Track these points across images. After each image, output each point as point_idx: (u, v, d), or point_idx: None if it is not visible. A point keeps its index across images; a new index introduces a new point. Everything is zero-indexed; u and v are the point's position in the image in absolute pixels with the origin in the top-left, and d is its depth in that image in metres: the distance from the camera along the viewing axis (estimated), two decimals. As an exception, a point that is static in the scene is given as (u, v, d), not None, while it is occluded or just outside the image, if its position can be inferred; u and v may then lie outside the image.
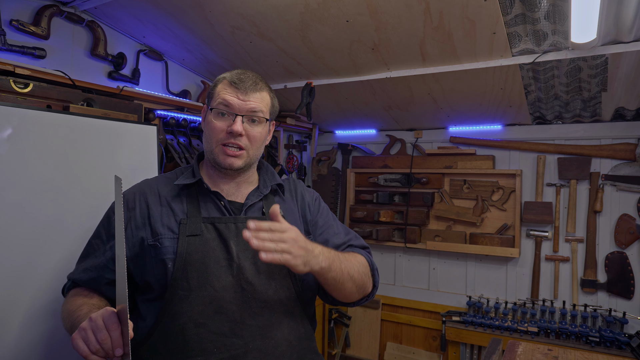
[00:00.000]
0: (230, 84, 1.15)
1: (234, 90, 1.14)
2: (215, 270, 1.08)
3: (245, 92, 1.14)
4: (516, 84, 2.31)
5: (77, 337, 0.88)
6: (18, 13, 1.84)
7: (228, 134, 1.13)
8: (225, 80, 1.16)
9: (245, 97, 1.14)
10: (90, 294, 1.15)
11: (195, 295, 1.06)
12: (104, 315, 0.89)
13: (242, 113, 1.13)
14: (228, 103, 1.13)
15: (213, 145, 1.15)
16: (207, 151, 1.18)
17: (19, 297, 1.42)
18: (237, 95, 1.14)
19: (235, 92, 1.14)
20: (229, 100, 1.13)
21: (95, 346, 0.87)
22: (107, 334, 0.87)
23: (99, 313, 0.90)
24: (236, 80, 1.14)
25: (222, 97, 1.14)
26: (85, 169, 1.60)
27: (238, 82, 1.14)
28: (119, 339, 0.88)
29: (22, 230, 1.42)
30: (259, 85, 1.17)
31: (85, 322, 0.90)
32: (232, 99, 1.13)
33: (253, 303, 1.08)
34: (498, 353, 1.62)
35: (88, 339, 0.87)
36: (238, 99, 1.13)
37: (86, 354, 0.87)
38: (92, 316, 0.89)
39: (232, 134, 1.12)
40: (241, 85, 1.14)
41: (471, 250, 2.95)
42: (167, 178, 1.23)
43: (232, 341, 1.04)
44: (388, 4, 1.80)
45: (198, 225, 1.11)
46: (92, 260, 1.17)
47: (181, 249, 1.08)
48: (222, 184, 1.21)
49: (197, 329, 1.04)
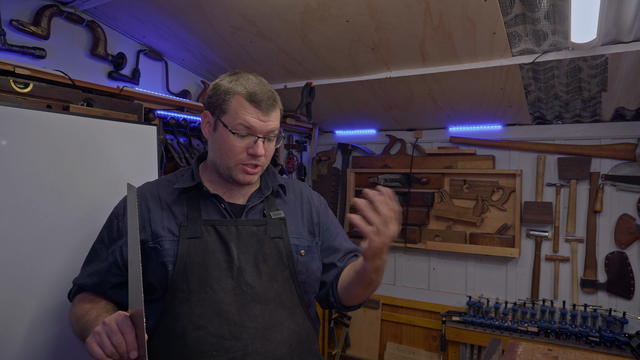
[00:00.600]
0: (249, 102, 1.09)
1: (254, 110, 1.09)
2: (215, 273, 1.08)
3: (265, 112, 1.10)
4: (516, 84, 2.31)
5: (92, 342, 0.88)
6: (18, 13, 1.85)
7: (249, 155, 1.11)
8: (241, 96, 1.09)
9: (265, 117, 1.11)
10: (97, 298, 1.15)
11: (195, 297, 1.06)
12: (117, 319, 0.90)
13: (262, 135, 1.11)
14: (250, 125, 1.09)
15: (231, 164, 1.12)
16: (221, 167, 1.15)
17: (24, 300, 1.41)
18: (258, 116, 1.10)
19: (255, 113, 1.09)
20: (251, 123, 1.09)
21: (111, 350, 0.87)
22: (122, 337, 0.88)
23: (112, 317, 0.91)
24: (255, 99, 1.09)
25: (243, 118, 1.08)
26: (85, 169, 1.60)
27: (258, 102, 1.09)
28: (134, 342, 0.88)
29: (22, 231, 1.41)
30: (275, 100, 1.14)
31: (99, 326, 0.90)
32: (254, 121, 1.09)
33: (253, 306, 1.08)
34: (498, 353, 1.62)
35: (103, 342, 0.88)
36: (259, 120, 1.10)
37: (101, 357, 0.87)
38: (106, 320, 0.90)
39: (254, 156, 1.11)
40: (261, 105, 1.10)
41: (471, 250, 2.95)
42: (168, 181, 1.22)
43: (232, 344, 1.04)
44: (388, 4, 1.80)
45: (198, 228, 1.11)
46: (96, 264, 1.18)
47: (181, 251, 1.08)
48: (224, 187, 1.20)
49: (196, 331, 1.04)
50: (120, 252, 1.13)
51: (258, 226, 1.16)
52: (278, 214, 1.20)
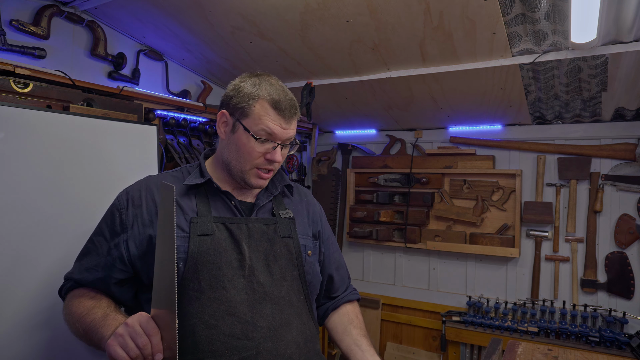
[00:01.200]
0: (273, 108, 1.09)
1: (277, 117, 1.09)
2: (227, 271, 1.07)
3: (287, 120, 1.11)
4: (516, 84, 2.31)
5: (114, 344, 0.87)
6: (18, 13, 1.85)
7: (267, 161, 1.12)
8: (266, 102, 1.09)
9: (287, 125, 1.11)
10: (97, 295, 1.12)
11: (207, 296, 1.05)
12: (141, 320, 0.89)
13: (282, 142, 1.12)
14: (272, 132, 1.09)
15: (247, 167, 1.12)
16: (235, 168, 1.14)
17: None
18: (281, 123, 1.10)
19: (278, 120, 1.09)
20: (273, 130, 1.09)
21: (135, 352, 0.86)
22: (147, 339, 0.87)
23: (135, 318, 0.89)
24: (280, 107, 1.10)
25: (266, 124, 1.09)
26: (86, 169, 1.60)
27: (282, 109, 1.10)
28: (159, 343, 0.87)
29: (19, 231, 1.41)
30: (297, 108, 1.14)
31: (121, 327, 0.89)
32: (276, 128, 1.09)
33: (264, 305, 1.08)
34: (498, 353, 1.62)
35: (127, 344, 0.86)
36: (281, 128, 1.10)
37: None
38: (128, 321, 0.89)
39: (272, 162, 1.12)
40: (285, 113, 1.10)
41: (471, 250, 2.94)
42: (173, 176, 1.20)
43: (243, 343, 1.03)
44: (388, 4, 1.80)
45: (209, 225, 1.10)
46: (95, 258, 1.13)
47: (192, 248, 1.06)
48: (232, 185, 1.19)
49: (207, 330, 1.03)
50: (125, 246, 1.10)
51: (268, 225, 1.16)
52: (287, 214, 1.21)
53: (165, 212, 0.93)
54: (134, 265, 1.11)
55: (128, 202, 1.14)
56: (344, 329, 1.28)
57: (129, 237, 1.11)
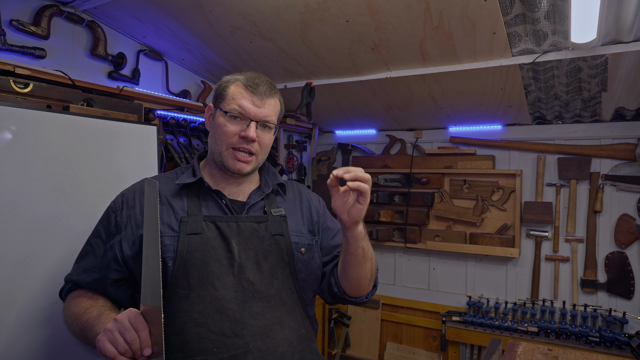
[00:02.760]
0: (245, 87, 1.13)
1: (249, 94, 1.13)
2: (216, 269, 1.08)
3: (261, 97, 1.13)
4: (516, 84, 2.31)
5: (103, 339, 0.88)
6: (18, 13, 1.84)
7: (241, 138, 1.12)
8: (239, 82, 1.14)
9: (260, 103, 1.13)
10: (95, 295, 1.14)
11: (196, 294, 1.06)
12: (130, 315, 0.89)
13: (256, 119, 1.13)
14: (243, 108, 1.12)
15: (222, 148, 1.14)
16: (215, 153, 1.17)
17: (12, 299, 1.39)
18: (253, 100, 1.13)
19: (250, 97, 1.13)
20: (244, 106, 1.12)
21: (124, 347, 0.86)
22: (135, 334, 0.87)
23: (124, 314, 0.90)
24: (252, 84, 1.13)
25: (238, 101, 1.12)
26: (85, 169, 1.60)
27: (254, 87, 1.13)
28: (147, 338, 0.88)
29: (20, 230, 1.41)
30: (273, 90, 1.17)
31: (110, 323, 0.89)
32: (247, 105, 1.12)
33: (254, 303, 1.08)
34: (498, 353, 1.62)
35: (115, 340, 0.87)
36: (253, 105, 1.12)
37: (114, 355, 0.86)
38: (117, 317, 0.89)
39: (245, 139, 1.12)
40: (257, 90, 1.13)
41: (471, 250, 2.94)
42: (167, 177, 1.22)
43: (233, 341, 1.04)
44: (388, 4, 1.80)
45: (199, 224, 1.11)
46: (92, 260, 1.16)
47: (181, 247, 1.08)
48: (224, 183, 1.20)
49: (197, 328, 1.04)
50: (119, 246, 1.12)
51: (259, 223, 1.16)
52: (279, 212, 1.21)
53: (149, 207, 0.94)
54: (128, 265, 1.13)
55: (123, 204, 1.17)
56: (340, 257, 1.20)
57: (122, 238, 1.13)
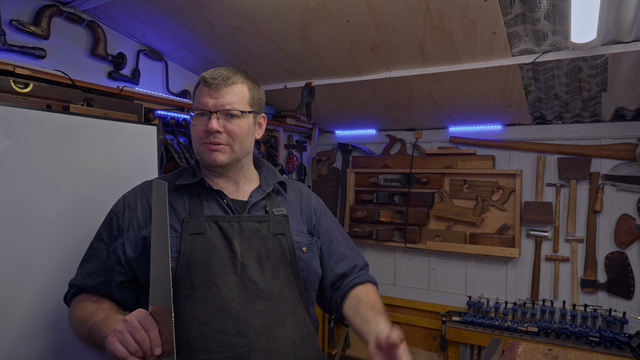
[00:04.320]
0: (204, 84, 1.16)
1: (207, 89, 1.15)
2: (218, 269, 1.08)
3: (217, 89, 1.15)
4: (516, 84, 2.31)
5: (114, 340, 0.88)
6: (18, 13, 1.84)
7: (206, 132, 1.14)
8: (201, 82, 1.18)
9: (217, 94, 1.14)
10: (100, 299, 1.14)
11: (199, 294, 1.06)
12: (139, 316, 0.90)
13: (215, 110, 1.14)
14: (202, 103, 1.15)
15: (197, 145, 1.17)
16: (196, 153, 1.19)
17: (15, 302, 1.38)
18: (210, 93, 1.15)
19: (208, 92, 1.15)
20: (203, 101, 1.15)
21: (134, 347, 0.87)
22: (145, 334, 0.87)
23: (133, 315, 0.90)
24: (209, 80, 1.15)
25: (198, 99, 1.16)
26: (85, 169, 1.60)
27: (210, 80, 1.15)
28: (158, 338, 0.88)
29: (21, 231, 1.41)
30: (231, 79, 1.16)
31: (119, 324, 0.90)
32: (205, 99, 1.14)
33: (257, 302, 1.08)
34: (498, 353, 1.62)
35: (125, 340, 0.87)
36: (211, 98, 1.14)
37: (125, 355, 0.86)
38: (126, 318, 0.90)
39: (208, 132, 1.14)
40: (213, 82, 1.15)
41: (471, 250, 2.94)
42: (168, 178, 1.23)
43: (236, 340, 1.04)
44: (388, 4, 1.80)
45: (201, 224, 1.11)
46: (96, 263, 1.16)
47: (184, 247, 1.08)
48: (223, 183, 1.21)
49: (200, 327, 1.04)
50: (122, 249, 1.13)
51: (261, 222, 1.16)
52: (280, 211, 1.21)
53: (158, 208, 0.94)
54: (132, 267, 1.14)
55: (124, 207, 1.18)
56: (354, 311, 1.22)
57: (125, 240, 1.14)
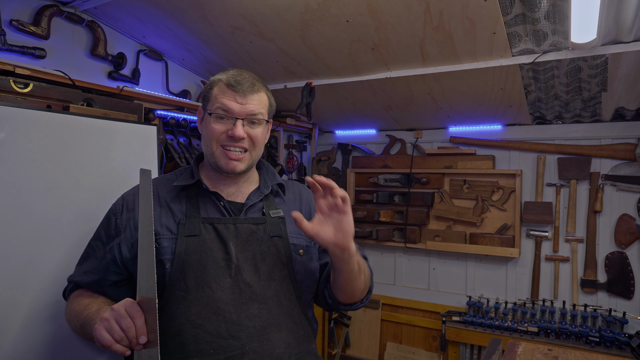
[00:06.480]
0: (227, 86, 1.13)
1: (232, 93, 1.12)
2: (213, 271, 1.08)
3: (243, 94, 1.13)
4: (516, 84, 2.31)
5: (100, 328, 0.89)
6: (18, 13, 1.84)
7: (229, 137, 1.12)
8: (221, 82, 1.15)
9: (244, 100, 1.13)
10: (95, 294, 1.15)
11: (193, 296, 1.06)
12: (126, 304, 0.90)
13: (242, 117, 1.13)
14: (227, 107, 1.12)
15: (213, 148, 1.14)
16: (208, 155, 1.17)
17: (18, 299, 1.40)
18: (236, 98, 1.12)
19: (233, 96, 1.12)
20: (227, 105, 1.12)
21: (120, 334, 0.87)
22: (131, 321, 0.88)
23: (121, 303, 0.91)
24: (233, 83, 1.13)
25: (221, 101, 1.12)
26: (85, 169, 1.60)
27: (236, 85, 1.12)
28: (143, 326, 0.88)
29: (21, 231, 1.41)
30: (257, 86, 1.16)
31: (107, 312, 0.90)
32: (230, 103, 1.12)
33: (251, 304, 1.08)
34: (498, 353, 1.62)
35: (112, 328, 0.88)
36: (237, 103, 1.12)
37: (110, 343, 0.87)
38: (114, 307, 0.90)
39: (233, 138, 1.12)
40: (239, 87, 1.12)
41: (471, 250, 2.94)
42: (166, 179, 1.22)
43: (229, 342, 1.04)
44: (388, 4, 1.80)
45: (197, 226, 1.11)
46: (93, 262, 1.17)
47: (179, 249, 1.08)
48: (222, 184, 1.20)
49: (194, 329, 1.04)
50: (118, 249, 1.13)
51: (257, 224, 1.16)
52: (277, 213, 1.20)
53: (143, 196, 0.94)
54: (127, 267, 1.14)
55: (123, 207, 1.18)
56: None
57: (121, 241, 1.14)
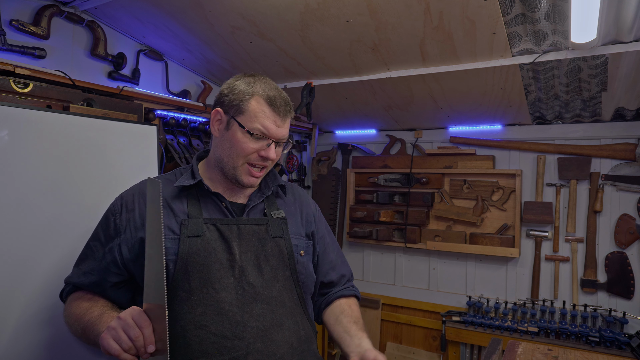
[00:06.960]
0: (267, 104, 1.11)
1: (272, 113, 1.11)
2: (216, 272, 1.08)
3: (282, 118, 1.13)
4: (516, 84, 2.31)
5: (107, 337, 0.88)
6: (18, 13, 1.85)
7: (261, 157, 1.12)
8: (259, 98, 1.11)
9: (281, 123, 1.13)
10: (94, 297, 1.14)
11: (197, 296, 1.06)
12: (133, 313, 0.90)
13: (277, 139, 1.13)
14: (267, 129, 1.11)
15: (238, 163, 1.13)
16: (227, 165, 1.15)
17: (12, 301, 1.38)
18: (275, 120, 1.12)
19: (273, 117, 1.11)
20: (268, 127, 1.11)
21: (128, 344, 0.87)
22: (139, 331, 0.87)
23: (127, 312, 0.90)
24: (273, 102, 1.11)
25: (262, 121, 1.10)
26: (85, 169, 1.60)
27: (276, 105, 1.11)
28: (151, 335, 0.88)
29: (21, 231, 1.41)
30: (291, 107, 1.16)
31: (114, 321, 0.90)
32: (270, 126, 1.11)
33: (254, 305, 1.08)
34: (498, 353, 1.62)
35: (119, 337, 0.87)
36: (275, 125, 1.12)
37: (118, 352, 0.87)
38: (121, 315, 0.90)
39: (265, 159, 1.12)
40: (280, 110, 1.12)
41: (471, 250, 2.94)
42: (166, 179, 1.22)
43: (233, 343, 1.04)
44: (388, 4, 1.80)
45: (200, 226, 1.11)
46: (91, 263, 1.16)
47: (182, 249, 1.08)
48: (223, 185, 1.20)
49: (197, 330, 1.04)
50: (119, 250, 1.12)
51: (259, 225, 1.16)
52: (279, 214, 1.21)
53: (152, 206, 0.94)
54: (128, 268, 1.14)
55: (122, 207, 1.17)
56: (335, 319, 1.26)
57: (122, 241, 1.13)
